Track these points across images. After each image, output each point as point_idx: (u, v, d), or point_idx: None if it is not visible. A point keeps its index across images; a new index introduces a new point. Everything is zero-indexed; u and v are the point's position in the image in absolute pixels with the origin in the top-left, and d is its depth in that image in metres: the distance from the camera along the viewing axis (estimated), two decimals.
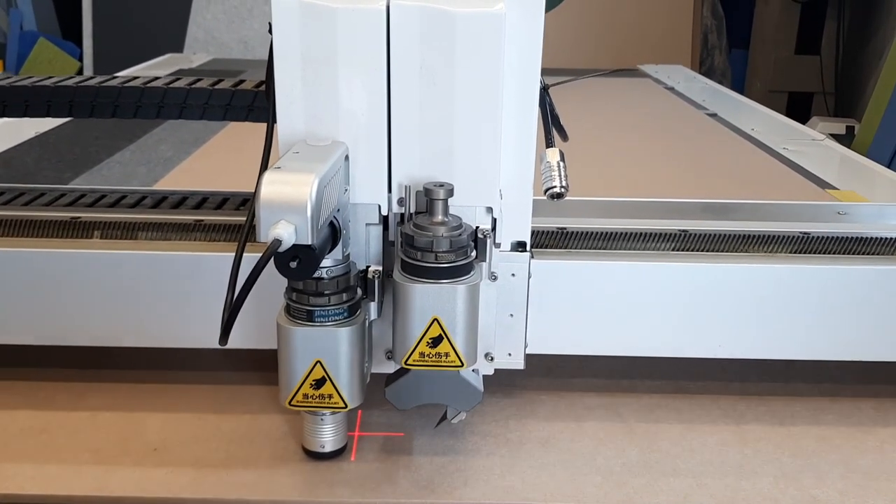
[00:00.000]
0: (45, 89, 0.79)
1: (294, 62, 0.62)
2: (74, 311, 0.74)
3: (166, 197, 0.85)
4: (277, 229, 0.53)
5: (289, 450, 0.69)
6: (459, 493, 0.64)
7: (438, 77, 0.62)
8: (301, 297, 0.61)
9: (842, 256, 0.77)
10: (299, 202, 0.53)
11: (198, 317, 0.74)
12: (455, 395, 0.67)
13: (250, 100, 0.79)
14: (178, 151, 1.48)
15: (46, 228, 0.77)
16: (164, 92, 0.79)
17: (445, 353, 0.62)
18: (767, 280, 0.73)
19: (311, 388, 0.63)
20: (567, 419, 0.74)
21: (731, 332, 0.75)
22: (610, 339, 0.75)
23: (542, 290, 0.73)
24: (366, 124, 0.64)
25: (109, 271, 0.73)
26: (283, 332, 0.62)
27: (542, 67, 0.66)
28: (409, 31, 0.62)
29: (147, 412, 0.74)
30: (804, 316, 0.74)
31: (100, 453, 0.68)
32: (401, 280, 0.61)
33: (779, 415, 0.76)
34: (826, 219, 0.84)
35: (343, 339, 0.62)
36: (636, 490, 0.65)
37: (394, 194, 0.66)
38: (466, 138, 0.64)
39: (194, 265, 0.73)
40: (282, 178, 0.55)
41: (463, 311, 0.61)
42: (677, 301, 0.73)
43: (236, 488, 0.64)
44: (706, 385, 0.80)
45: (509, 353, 0.73)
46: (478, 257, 0.64)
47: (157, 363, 0.81)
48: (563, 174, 0.70)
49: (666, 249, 0.77)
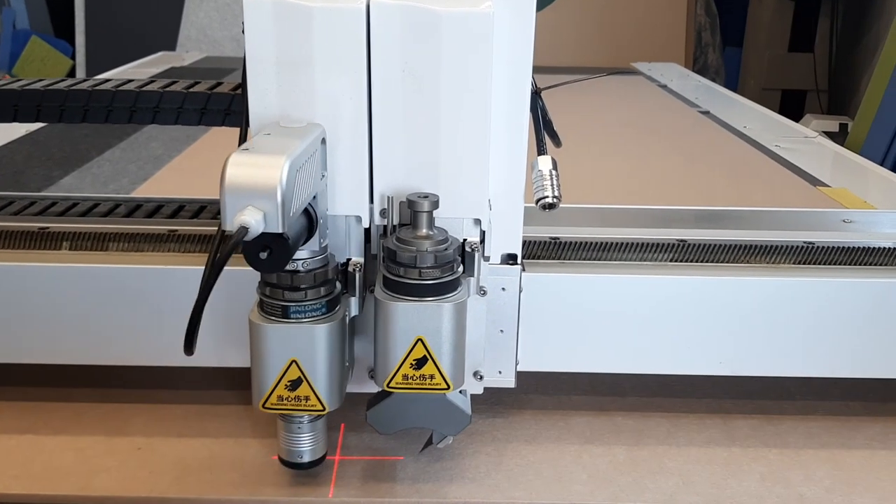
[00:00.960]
0: (10, 93, 0.78)
1: (268, 65, 0.59)
2: (40, 327, 0.71)
3: (141, 205, 0.82)
4: (244, 216, 0.48)
5: (273, 450, 0.68)
6: (445, 490, 0.64)
7: (423, 81, 0.59)
8: (275, 291, 0.57)
9: (847, 267, 0.74)
10: (268, 186, 0.49)
11: (170, 332, 0.70)
12: (441, 418, 0.63)
13: (227, 103, 0.76)
14: (168, 149, 1.47)
15: (13, 239, 0.74)
16: (136, 95, 0.77)
17: (430, 376, 0.59)
18: (770, 293, 0.70)
19: (286, 390, 0.58)
20: (554, 417, 0.74)
21: (732, 348, 0.72)
22: (604, 356, 0.72)
23: (532, 303, 0.69)
24: (345, 131, 0.60)
25: (76, 285, 0.70)
26: (255, 329, 0.58)
27: (533, 66, 0.63)
28: (390, 32, 0.58)
29: (131, 412, 0.73)
30: (809, 331, 0.71)
31: (84, 453, 0.67)
32: (382, 298, 0.57)
33: (767, 412, 0.76)
34: (831, 227, 0.82)
35: (321, 336, 0.57)
36: (622, 488, 0.65)
37: (376, 205, 0.62)
38: (453, 146, 0.61)
39: (166, 279, 0.69)
40: (249, 160, 0.50)
41: (449, 331, 0.58)
42: (676, 316, 0.71)
43: (220, 488, 0.63)
44: (693, 382, 0.80)
45: (499, 370, 0.70)
46: (465, 272, 0.61)
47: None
48: (556, 183, 0.66)
49: (664, 260, 0.74)
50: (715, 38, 3.42)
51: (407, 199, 0.59)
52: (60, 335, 0.71)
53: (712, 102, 1.95)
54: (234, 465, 0.66)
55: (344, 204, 0.62)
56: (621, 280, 0.70)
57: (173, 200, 0.84)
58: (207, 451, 0.68)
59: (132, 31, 3.13)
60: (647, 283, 0.70)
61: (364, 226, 0.63)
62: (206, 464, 0.66)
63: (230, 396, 0.76)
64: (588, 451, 0.69)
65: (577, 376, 0.80)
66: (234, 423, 0.72)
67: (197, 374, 0.79)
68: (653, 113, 1.87)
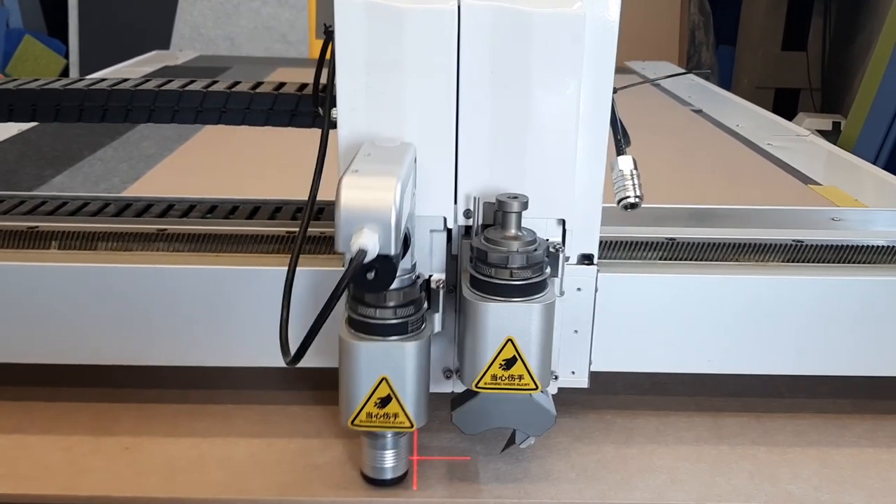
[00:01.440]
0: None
1: (358, 67, 0.59)
2: (29, 326, 0.71)
3: (130, 204, 0.82)
4: (362, 239, 0.50)
5: (262, 448, 0.68)
6: (431, 490, 0.64)
7: (511, 81, 0.59)
8: (366, 309, 0.57)
9: (836, 265, 0.74)
10: (383, 209, 0.50)
11: (158, 332, 0.70)
12: (527, 419, 0.63)
13: (294, 104, 0.76)
14: (161, 148, 1.47)
15: (2, 239, 0.74)
16: (203, 95, 0.76)
17: (519, 376, 0.58)
18: (759, 291, 0.70)
19: (375, 407, 0.58)
20: None
21: (720, 347, 0.71)
22: (594, 355, 0.71)
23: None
24: (433, 132, 0.61)
25: (65, 285, 0.69)
26: (346, 347, 0.57)
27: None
28: (480, 33, 0.58)
29: (119, 411, 0.73)
30: (798, 329, 0.71)
31: (71, 452, 0.67)
32: (472, 298, 0.58)
33: (755, 410, 0.76)
34: (820, 225, 0.82)
35: (411, 354, 0.57)
36: (610, 486, 0.65)
37: (459, 205, 0.63)
38: (540, 146, 0.61)
39: (154, 278, 0.69)
40: (362, 182, 0.51)
41: (538, 332, 0.57)
42: (664, 314, 0.71)
43: (209, 487, 0.63)
44: (683, 380, 0.80)
45: (573, 371, 0.69)
46: (551, 273, 0.61)
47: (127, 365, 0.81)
48: (638, 183, 0.66)
49: (653, 259, 0.74)
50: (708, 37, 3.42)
51: (497, 199, 0.59)
52: (49, 335, 0.71)
53: (705, 101, 1.96)
54: (222, 465, 0.66)
55: (429, 205, 0.62)
56: (611, 279, 0.70)
57: (163, 199, 0.84)
58: (196, 450, 0.68)
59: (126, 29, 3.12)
60: (636, 282, 0.70)
61: (448, 226, 0.63)
62: (195, 463, 0.66)
63: (218, 396, 0.76)
64: (577, 449, 0.69)
65: None
66: (222, 423, 0.72)
67: (185, 374, 0.79)
68: (646, 111, 1.87)
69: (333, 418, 0.72)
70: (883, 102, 2.38)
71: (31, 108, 0.78)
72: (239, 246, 0.74)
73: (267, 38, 3.14)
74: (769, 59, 3.46)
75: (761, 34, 3.46)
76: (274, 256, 0.73)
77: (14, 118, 0.78)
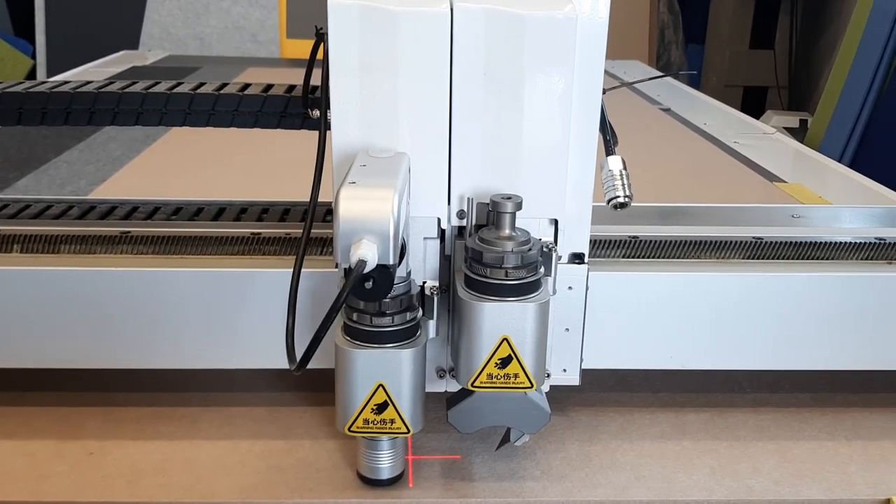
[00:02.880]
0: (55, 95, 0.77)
1: (351, 69, 0.60)
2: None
3: (94, 207, 0.81)
4: (361, 250, 0.51)
5: (226, 451, 0.68)
6: (397, 491, 0.64)
7: (504, 83, 0.60)
8: (362, 317, 0.58)
9: (796, 262, 0.76)
10: (382, 220, 0.51)
11: (122, 335, 0.70)
12: (522, 417, 0.64)
13: (283, 106, 0.76)
14: (128, 150, 1.46)
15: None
16: (191, 98, 0.76)
17: (514, 374, 0.59)
18: (719, 288, 0.71)
19: (372, 413, 0.59)
20: None
21: (681, 343, 0.72)
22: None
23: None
24: (426, 134, 0.61)
25: (27, 288, 0.69)
26: (342, 354, 0.58)
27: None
28: (473, 36, 0.59)
29: (84, 416, 0.72)
30: (758, 325, 0.72)
31: (35, 457, 0.67)
32: (467, 298, 0.58)
33: (718, 406, 0.77)
34: (780, 222, 0.83)
35: (406, 360, 0.58)
36: (574, 484, 0.65)
37: (453, 206, 0.63)
38: (533, 147, 0.61)
39: (118, 281, 0.69)
40: (359, 194, 0.52)
41: (533, 330, 0.58)
42: (626, 310, 0.71)
43: (173, 491, 0.63)
44: (648, 379, 0.81)
45: (564, 368, 0.70)
46: (544, 272, 0.61)
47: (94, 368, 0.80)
48: (627, 183, 0.67)
49: (616, 256, 0.75)
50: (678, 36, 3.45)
51: (490, 200, 0.60)
52: (11, 338, 0.70)
53: (674, 100, 1.97)
54: (187, 468, 0.66)
55: (423, 206, 0.63)
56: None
57: (127, 202, 0.83)
58: (160, 454, 0.68)
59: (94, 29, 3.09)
60: (599, 279, 0.71)
61: (442, 227, 0.64)
62: (159, 467, 0.66)
63: (183, 399, 0.75)
64: (542, 447, 0.70)
65: None
66: (187, 427, 0.71)
67: (149, 378, 0.78)
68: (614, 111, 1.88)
69: (298, 420, 0.73)
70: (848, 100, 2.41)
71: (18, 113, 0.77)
72: (204, 248, 0.74)
73: (237, 38, 3.12)
74: (737, 57, 3.50)
75: (729, 33, 3.49)
76: (239, 258, 0.73)
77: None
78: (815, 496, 0.65)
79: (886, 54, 2.33)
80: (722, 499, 0.64)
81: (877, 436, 0.73)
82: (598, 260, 0.74)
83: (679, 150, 1.55)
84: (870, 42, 2.38)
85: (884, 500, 0.65)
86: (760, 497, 0.65)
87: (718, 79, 3.53)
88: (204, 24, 3.11)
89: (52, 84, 0.80)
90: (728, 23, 3.50)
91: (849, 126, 2.39)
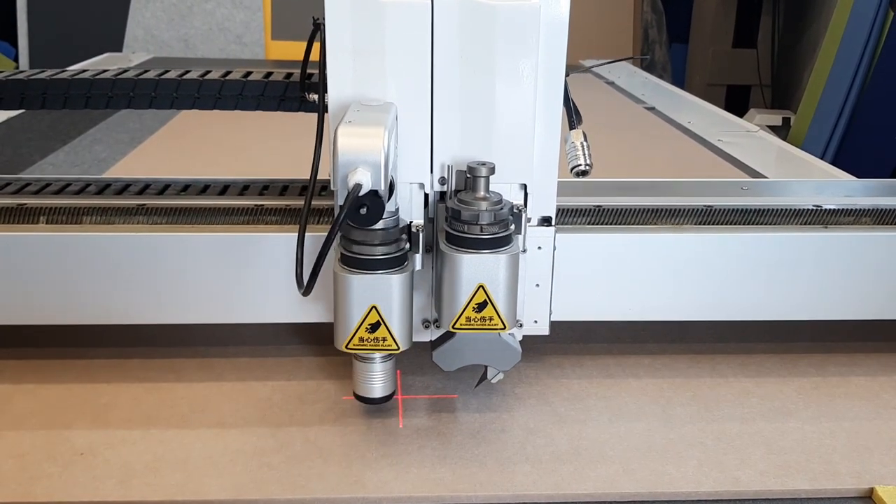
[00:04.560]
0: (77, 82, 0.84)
1: (346, 53, 0.67)
2: (23, 290, 0.76)
3: (110, 184, 0.87)
4: (357, 176, 0.59)
5: (217, 449, 0.68)
6: (389, 486, 0.64)
7: (478, 66, 0.68)
8: (358, 247, 0.65)
9: (741, 227, 0.83)
10: (374, 150, 0.60)
11: (142, 293, 0.77)
12: (497, 355, 0.72)
13: (282, 90, 0.83)
14: (113, 152, 1.46)
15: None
16: (199, 83, 0.83)
17: (489, 317, 0.67)
18: (672, 248, 0.79)
19: (366, 332, 0.66)
20: (499, 409, 0.75)
21: (639, 298, 0.80)
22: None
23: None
24: (411, 110, 0.69)
25: (55, 253, 0.75)
26: (340, 280, 0.65)
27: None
28: (450, 24, 0.67)
29: (73, 417, 0.73)
30: (706, 280, 0.80)
31: (24, 458, 0.67)
32: (448, 251, 0.66)
33: (704, 399, 0.78)
34: (730, 193, 0.89)
35: (396, 285, 0.66)
36: (564, 477, 0.66)
37: (435, 173, 0.71)
38: (504, 121, 0.69)
39: (137, 246, 0.75)
40: (354, 130, 0.60)
41: (505, 278, 0.66)
42: (589, 268, 0.79)
43: (164, 490, 0.63)
44: (636, 374, 0.82)
45: (535, 320, 0.77)
46: (515, 230, 0.69)
47: (83, 368, 0.80)
48: (588, 153, 0.76)
49: (582, 223, 0.83)
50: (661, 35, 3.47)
51: (468, 165, 0.67)
52: (37, 295, 0.76)
53: (658, 99, 1.99)
54: (178, 467, 0.66)
55: (409, 172, 0.70)
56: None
57: (139, 180, 0.89)
58: (151, 453, 0.68)
59: (77, 31, 3.07)
60: (566, 242, 0.77)
61: (425, 192, 0.71)
62: (151, 466, 0.66)
63: (175, 399, 0.75)
64: (531, 442, 0.70)
65: (522, 368, 0.81)
66: (178, 424, 0.72)
67: (140, 375, 0.79)
68: (599, 109, 1.90)
69: (288, 419, 0.73)
70: (830, 98, 2.44)
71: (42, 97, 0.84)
72: (213, 218, 0.81)
73: (221, 40, 3.12)
74: (720, 56, 3.53)
75: (712, 32, 3.52)
76: (245, 227, 0.79)
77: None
78: (801, 486, 0.66)
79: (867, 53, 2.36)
80: (710, 490, 0.65)
81: (860, 426, 0.74)
82: (566, 227, 0.81)
83: (664, 148, 1.57)
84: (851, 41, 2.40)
85: (868, 489, 0.66)
86: (747, 488, 0.66)
87: (702, 77, 3.55)
88: (188, 25, 3.10)
89: (72, 72, 0.87)
90: (711, 22, 3.52)
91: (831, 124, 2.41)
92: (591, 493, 0.65)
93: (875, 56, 2.35)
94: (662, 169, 1.40)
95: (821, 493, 0.66)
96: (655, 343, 0.88)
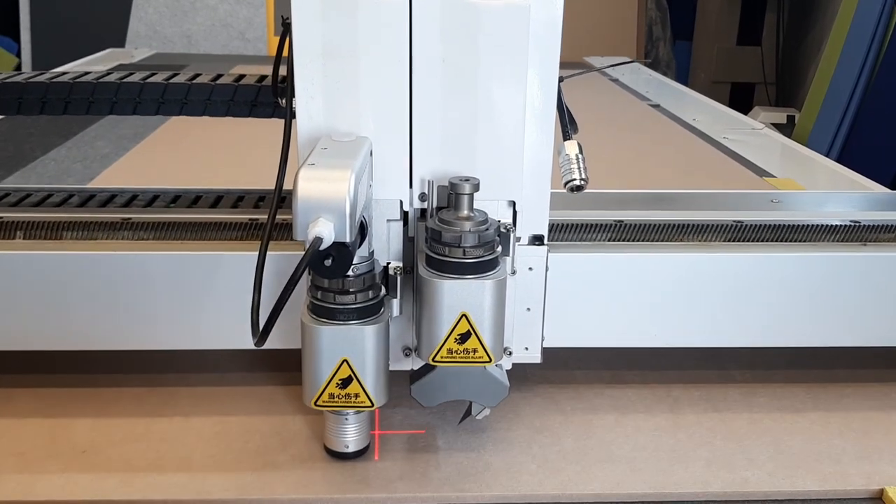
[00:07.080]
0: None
1: (314, 56, 0.61)
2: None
3: (94, 195, 0.82)
4: (318, 227, 0.52)
5: (220, 449, 0.68)
6: (394, 486, 0.64)
7: (461, 70, 0.62)
8: (326, 295, 0.59)
9: (774, 244, 0.77)
10: (338, 199, 0.53)
11: (126, 317, 0.71)
12: (482, 390, 0.66)
13: (254, 95, 0.77)
14: (116, 147, 1.45)
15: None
16: (164, 87, 0.77)
17: (473, 349, 0.61)
18: (701, 268, 0.73)
19: (336, 388, 0.61)
20: (504, 409, 0.74)
21: (663, 322, 0.74)
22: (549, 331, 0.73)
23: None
24: (387, 119, 0.63)
25: (33, 271, 0.70)
26: (308, 331, 0.60)
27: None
28: (431, 24, 0.61)
29: (75, 415, 0.72)
30: (737, 303, 0.74)
31: (25, 457, 0.66)
32: (427, 276, 0.60)
33: (712, 400, 0.77)
34: (760, 207, 0.85)
35: (370, 337, 0.60)
36: (570, 477, 0.65)
37: (415, 189, 0.65)
38: (490, 132, 0.63)
39: (118, 265, 0.70)
40: (318, 174, 0.54)
41: (491, 307, 0.60)
42: (611, 291, 0.73)
43: (167, 489, 0.63)
44: (642, 373, 0.81)
45: (526, 347, 0.72)
46: (502, 252, 0.63)
47: (84, 367, 0.79)
48: (583, 166, 0.69)
49: (601, 240, 0.77)
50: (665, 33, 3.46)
51: (449, 182, 0.61)
52: (17, 322, 0.71)
53: (663, 96, 1.98)
54: (181, 466, 0.65)
55: (386, 189, 0.65)
56: (561, 259, 0.72)
57: (126, 190, 0.84)
58: (154, 452, 0.67)
59: (79, 27, 3.06)
60: (585, 262, 0.73)
61: (404, 209, 0.65)
62: (153, 465, 0.65)
63: (176, 399, 0.75)
64: (538, 441, 0.70)
65: (528, 367, 0.80)
66: (179, 425, 0.71)
67: (140, 378, 0.78)
68: (604, 107, 1.89)
69: (292, 418, 0.72)
70: (835, 96, 2.43)
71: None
72: (203, 233, 0.75)
73: (224, 36, 3.11)
74: (725, 54, 3.52)
75: (717, 29, 3.51)
76: (239, 243, 0.74)
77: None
78: (810, 487, 0.65)
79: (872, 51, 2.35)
80: (718, 490, 0.64)
81: (870, 427, 0.73)
82: (585, 244, 0.76)
83: (669, 145, 1.56)
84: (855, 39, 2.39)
85: (878, 491, 0.65)
86: (756, 489, 0.65)
87: (706, 75, 3.54)
88: (191, 21, 3.09)
89: (50, 75, 0.81)
90: (715, 19, 3.51)
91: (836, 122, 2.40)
92: (597, 493, 0.64)
93: (880, 53, 2.34)
94: (670, 167, 1.40)
95: (830, 494, 0.65)
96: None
